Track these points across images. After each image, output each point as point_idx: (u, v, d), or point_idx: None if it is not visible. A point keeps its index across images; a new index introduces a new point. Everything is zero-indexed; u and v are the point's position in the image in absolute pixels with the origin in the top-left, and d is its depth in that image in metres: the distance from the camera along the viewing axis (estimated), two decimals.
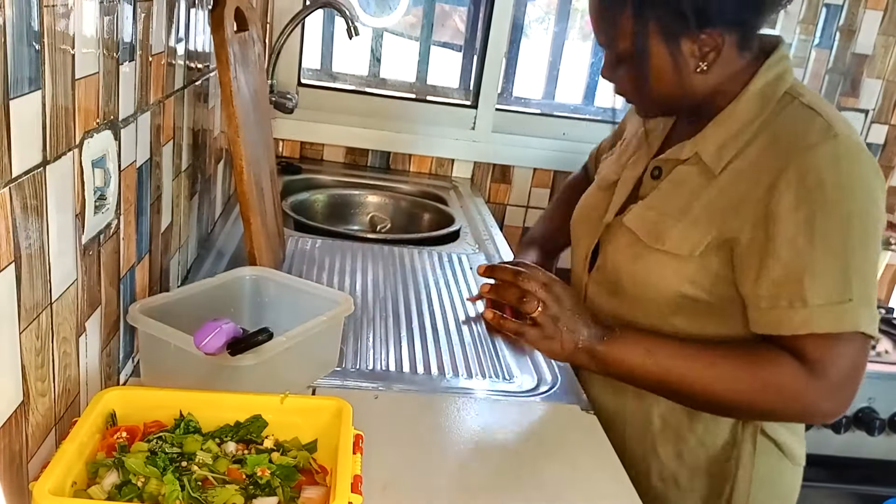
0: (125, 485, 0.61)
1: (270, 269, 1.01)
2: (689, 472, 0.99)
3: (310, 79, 2.03)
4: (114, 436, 0.65)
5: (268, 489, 0.63)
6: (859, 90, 2.13)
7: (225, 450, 0.67)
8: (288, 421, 0.71)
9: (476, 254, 1.48)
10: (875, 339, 0.84)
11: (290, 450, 0.69)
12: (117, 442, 0.65)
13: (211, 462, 0.64)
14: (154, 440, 0.66)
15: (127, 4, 0.74)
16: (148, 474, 0.62)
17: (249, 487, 0.63)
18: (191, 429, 0.68)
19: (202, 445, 0.66)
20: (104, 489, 0.61)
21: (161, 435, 0.67)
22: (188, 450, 0.65)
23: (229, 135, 0.97)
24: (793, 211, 0.82)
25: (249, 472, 0.64)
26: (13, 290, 0.55)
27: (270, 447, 0.68)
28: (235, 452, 0.67)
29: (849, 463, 1.65)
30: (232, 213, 1.48)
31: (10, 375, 0.56)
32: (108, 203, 0.73)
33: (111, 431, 0.66)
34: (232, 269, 0.98)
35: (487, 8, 1.96)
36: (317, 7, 1.74)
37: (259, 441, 0.69)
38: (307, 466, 0.67)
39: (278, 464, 0.65)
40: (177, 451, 0.65)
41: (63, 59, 0.59)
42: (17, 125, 0.52)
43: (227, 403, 0.71)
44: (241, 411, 0.70)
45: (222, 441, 0.68)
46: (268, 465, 0.65)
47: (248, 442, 0.69)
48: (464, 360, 1.03)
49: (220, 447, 0.67)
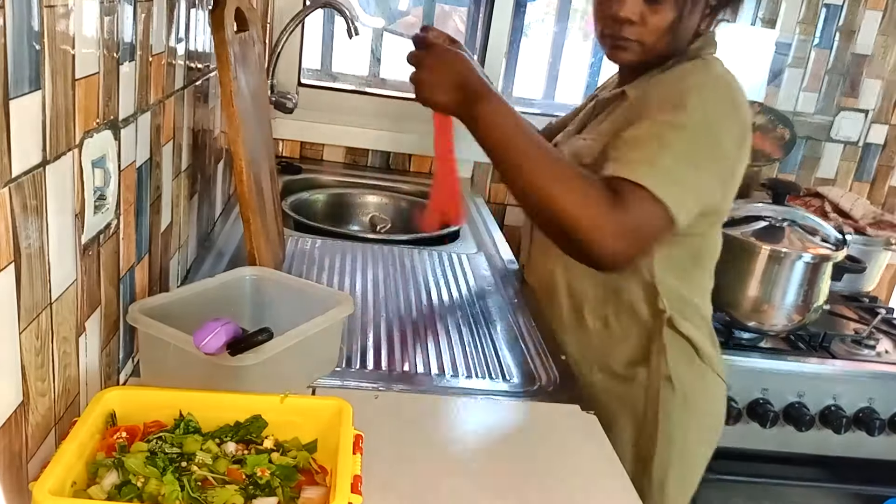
0: (125, 485, 0.61)
1: (271, 269, 1.01)
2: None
3: (310, 79, 2.03)
4: (114, 436, 0.65)
5: (268, 489, 0.63)
6: (859, 90, 2.13)
7: (225, 450, 0.67)
8: (288, 421, 0.70)
9: (476, 254, 1.48)
10: (675, 224, 0.94)
11: (290, 450, 0.69)
12: (117, 442, 0.65)
13: (211, 462, 0.64)
14: (154, 440, 0.66)
15: (127, 4, 0.74)
16: (148, 474, 0.62)
17: (249, 488, 0.63)
18: (190, 429, 0.68)
19: (202, 446, 0.66)
20: (104, 489, 0.61)
21: (161, 435, 0.66)
22: (188, 450, 0.65)
23: (229, 135, 0.97)
24: (658, 111, 1.00)
25: (249, 473, 0.64)
26: (13, 290, 0.55)
27: (270, 447, 0.68)
28: (235, 453, 0.67)
29: (849, 463, 1.65)
30: (232, 213, 1.48)
31: (10, 375, 0.56)
32: (108, 203, 0.73)
33: (111, 431, 0.66)
34: (232, 269, 0.98)
35: (487, 8, 1.96)
36: (317, 7, 1.74)
37: (259, 441, 0.69)
38: (307, 466, 0.67)
39: (278, 464, 0.65)
40: (177, 451, 0.65)
41: (63, 59, 0.59)
42: (17, 125, 0.52)
43: (226, 404, 0.71)
44: (240, 411, 0.70)
45: (222, 441, 0.68)
46: (267, 465, 0.65)
47: (247, 442, 0.69)
48: (464, 360, 1.03)
49: (219, 447, 0.67)
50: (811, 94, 2.13)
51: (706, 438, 1.21)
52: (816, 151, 2.18)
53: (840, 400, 1.59)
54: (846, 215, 2.01)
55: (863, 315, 1.90)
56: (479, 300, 1.25)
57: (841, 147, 2.19)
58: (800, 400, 1.59)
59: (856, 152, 2.19)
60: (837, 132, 2.17)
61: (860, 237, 1.93)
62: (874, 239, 1.94)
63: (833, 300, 1.88)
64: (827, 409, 1.59)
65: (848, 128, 2.16)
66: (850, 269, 1.63)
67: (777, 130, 2.10)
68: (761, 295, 1.56)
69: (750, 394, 1.58)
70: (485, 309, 1.22)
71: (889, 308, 1.92)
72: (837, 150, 2.19)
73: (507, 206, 2.08)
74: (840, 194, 2.07)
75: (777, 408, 1.58)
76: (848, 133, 2.17)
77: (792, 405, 1.58)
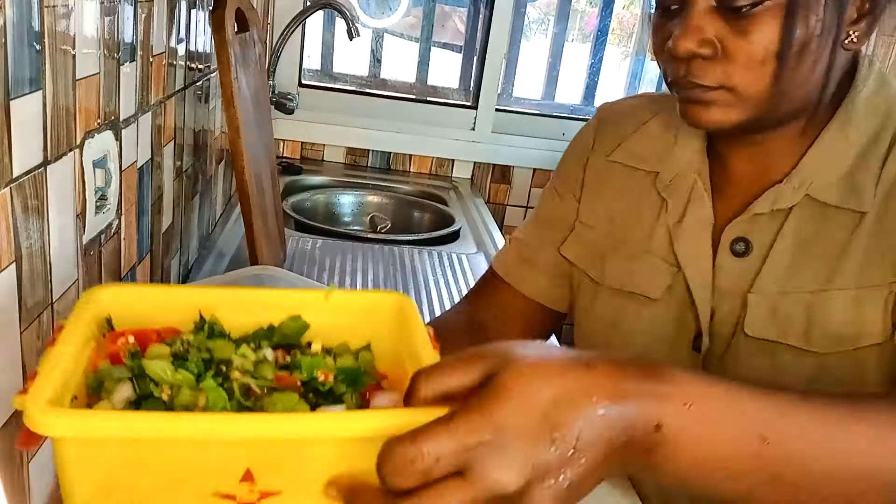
0: (146, 398, 0.44)
1: (281, 269, 0.97)
2: None
3: (310, 79, 2.03)
4: (117, 341, 0.47)
5: (331, 398, 0.48)
6: None
7: (265, 356, 0.50)
8: (334, 323, 0.54)
9: (476, 254, 1.48)
10: None
11: (342, 354, 0.53)
12: (126, 348, 0.47)
13: (252, 369, 0.48)
14: (177, 343, 0.49)
15: (128, 5, 0.74)
16: (179, 382, 0.45)
17: (310, 395, 0.48)
18: (216, 332, 0.51)
19: (236, 351, 0.49)
20: (114, 406, 0.43)
21: (183, 338, 0.49)
22: (219, 356, 0.48)
23: (230, 135, 0.97)
24: None
25: (306, 378, 0.48)
26: (14, 289, 0.55)
27: (319, 352, 0.52)
28: (278, 359, 0.51)
29: None
30: (233, 214, 1.48)
31: (11, 375, 0.56)
32: (109, 203, 0.73)
33: (112, 337, 0.48)
34: (242, 268, 0.93)
35: (487, 9, 1.97)
36: (317, 8, 1.74)
37: (300, 347, 0.53)
38: (370, 370, 0.52)
39: (340, 367, 0.50)
40: (205, 356, 0.48)
41: (64, 60, 0.59)
42: (18, 125, 0.52)
43: (255, 302, 0.54)
44: (273, 311, 0.54)
45: (259, 347, 0.51)
46: (331, 367, 0.50)
47: (287, 348, 0.53)
48: None
49: (256, 353, 0.50)
50: None
51: None
52: None
53: None
54: None
55: None
56: None
57: None
58: None
59: None
60: None
61: None
62: None
63: None
64: None
65: None
66: None
67: None
68: None
69: None
70: None
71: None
72: None
73: (507, 207, 2.08)
74: None
75: None
76: None
77: None
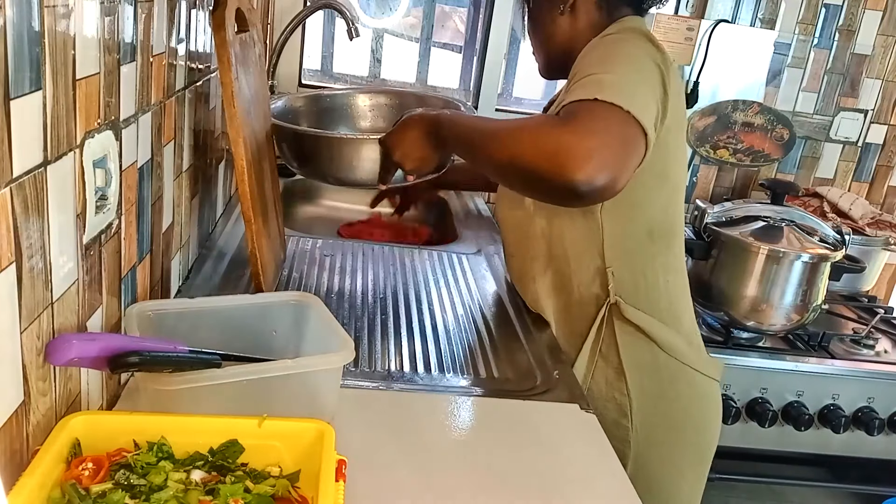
0: None
1: (314, 297, 0.90)
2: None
3: (310, 79, 2.03)
4: (79, 467, 0.61)
5: None
6: (858, 90, 2.13)
7: (195, 479, 0.62)
8: (267, 445, 0.66)
9: (476, 254, 1.48)
10: (647, 135, 0.89)
11: (267, 477, 0.64)
12: (82, 475, 0.61)
13: (182, 495, 0.60)
14: (119, 470, 0.61)
15: (128, 5, 0.74)
16: None
17: None
18: (164, 453, 0.64)
19: (171, 477, 0.62)
20: None
21: (128, 462, 0.62)
22: (155, 482, 0.61)
23: (230, 135, 0.97)
24: (588, 67, 0.96)
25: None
26: (14, 289, 0.55)
27: (245, 474, 0.64)
28: (208, 482, 0.62)
29: (848, 463, 1.65)
30: (233, 214, 1.48)
31: (11, 375, 0.56)
32: (110, 203, 0.73)
33: (76, 462, 0.62)
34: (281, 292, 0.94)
35: (487, 9, 1.97)
36: (317, 8, 1.74)
37: (234, 468, 0.65)
38: (286, 495, 0.63)
39: (255, 493, 0.61)
40: (143, 483, 0.61)
41: (64, 60, 0.59)
42: (18, 125, 0.52)
43: (200, 428, 0.66)
44: (215, 435, 0.66)
45: (191, 470, 0.63)
46: (243, 495, 0.61)
47: (222, 469, 0.64)
48: (464, 360, 1.04)
49: (188, 477, 0.63)
50: (810, 94, 2.13)
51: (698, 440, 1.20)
52: (815, 151, 2.19)
53: (839, 399, 1.60)
54: (845, 215, 2.02)
55: (862, 315, 1.91)
56: (478, 300, 1.25)
57: (840, 147, 2.19)
58: (799, 399, 1.59)
59: (855, 152, 2.19)
60: (836, 132, 2.17)
61: (859, 237, 1.93)
62: (873, 238, 1.95)
63: (832, 300, 1.88)
64: (826, 409, 1.60)
65: (847, 128, 2.17)
66: (849, 269, 1.64)
67: (776, 130, 2.10)
68: (760, 295, 1.56)
69: (749, 393, 1.59)
70: (484, 309, 1.22)
71: (888, 307, 1.93)
72: (836, 150, 2.19)
73: None
74: (839, 194, 2.07)
75: (776, 407, 1.58)
76: (847, 133, 2.17)
77: (791, 405, 1.59)
